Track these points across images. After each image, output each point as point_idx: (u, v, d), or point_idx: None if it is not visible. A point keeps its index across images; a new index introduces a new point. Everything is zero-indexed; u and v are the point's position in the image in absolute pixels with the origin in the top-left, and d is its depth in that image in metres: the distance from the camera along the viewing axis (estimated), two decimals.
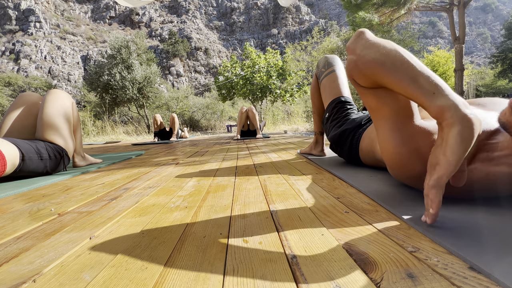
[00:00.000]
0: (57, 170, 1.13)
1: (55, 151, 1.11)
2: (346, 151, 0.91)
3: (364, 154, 0.83)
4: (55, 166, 1.11)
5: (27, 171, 1.01)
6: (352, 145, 0.87)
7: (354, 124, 0.90)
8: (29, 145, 1.02)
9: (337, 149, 0.97)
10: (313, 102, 1.19)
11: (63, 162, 1.15)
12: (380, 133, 0.53)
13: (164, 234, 0.43)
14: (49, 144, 1.11)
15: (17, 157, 0.95)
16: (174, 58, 55.03)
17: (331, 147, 1.02)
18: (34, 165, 1.02)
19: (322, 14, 68.86)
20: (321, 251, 0.34)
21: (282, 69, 13.31)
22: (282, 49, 31.94)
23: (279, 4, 9.52)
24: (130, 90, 12.56)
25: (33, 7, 52.50)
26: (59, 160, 1.12)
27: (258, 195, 0.64)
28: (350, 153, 0.89)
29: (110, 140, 5.48)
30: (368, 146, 0.79)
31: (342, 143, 0.92)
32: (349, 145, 0.88)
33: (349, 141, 0.89)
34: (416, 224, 0.39)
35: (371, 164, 0.83)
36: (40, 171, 1.06)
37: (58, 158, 1.12)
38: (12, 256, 0.38)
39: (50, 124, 1.15)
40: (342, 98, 1.02)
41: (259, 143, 2.48)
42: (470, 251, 0.31)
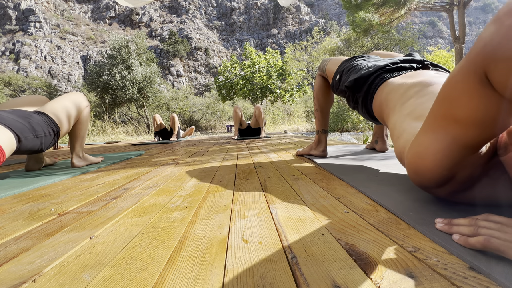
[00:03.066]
0: (49, 147, 1.15)
1: (50, 128, 1.12)
2: (362, 97, 0.85)
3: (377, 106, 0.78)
4: (48, 143, 1.12)
5: (25, 150, 1.02)
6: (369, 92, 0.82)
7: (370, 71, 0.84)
8: (22, 124, 1.01)
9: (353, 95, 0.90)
10: (317, 99, 1.18)
11: (55, 140, 1.16)
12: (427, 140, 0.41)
13: (164, 234, 0.43)
14: (45, 119, 1.11)
15: (14, 142, 0.95)
16: (174, 58, 55.04)
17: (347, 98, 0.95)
18: (30, 144, 1.03)
19: (322, 14, 68.87)
20: (321, 251, 0.34)
21: (282, 69, 13.31)
22: (282, 49, 31.98)
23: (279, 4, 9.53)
24: (130, 90, 12.57)
25: (33, 7, 52.50)
26: (53, 138, 1.13)
27: (258, 195, 0.64)
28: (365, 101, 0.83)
29: (110, 140, 5.48)
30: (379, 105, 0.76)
31: (358, 89, 0.86)
32: (366, 90, 0.83)
33: (366, 87, 0.83)
34: (416, 224, 0.39)
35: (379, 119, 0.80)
36: (36, 149, 1.07)
37: (52, 135, 1.13)
38: (12, 256, 0.38)
39: (56, 102, 1.19)
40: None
41: (259, 143, 2.48)
42: (470, 251, 0.31)
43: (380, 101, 0.76)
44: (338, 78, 0.97)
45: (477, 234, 0.32)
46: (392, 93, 0.72)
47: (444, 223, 0.37)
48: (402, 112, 0.63)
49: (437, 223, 0.37)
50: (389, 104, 0.71)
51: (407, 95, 0.66)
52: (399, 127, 0.60)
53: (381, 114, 0.77)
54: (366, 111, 0.86)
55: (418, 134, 0.44)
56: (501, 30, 0.29)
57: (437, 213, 0.43)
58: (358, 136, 4.11)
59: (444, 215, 0.41)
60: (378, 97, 0.77)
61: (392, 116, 0.67)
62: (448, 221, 0.37)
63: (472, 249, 0.31)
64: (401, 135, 0.57)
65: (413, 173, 0.45)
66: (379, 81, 0.79)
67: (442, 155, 0.39)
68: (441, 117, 0.39)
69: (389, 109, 0.70)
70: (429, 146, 0.40)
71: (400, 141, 0.56)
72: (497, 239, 0.29)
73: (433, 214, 0.42)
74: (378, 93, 0.78)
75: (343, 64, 0.99)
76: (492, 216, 0.34)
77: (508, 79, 0.29)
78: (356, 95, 0.87)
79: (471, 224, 0.34)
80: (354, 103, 0.91)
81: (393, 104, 0.69)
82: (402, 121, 0.60)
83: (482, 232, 0.31)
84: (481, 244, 0.30)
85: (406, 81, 0.71)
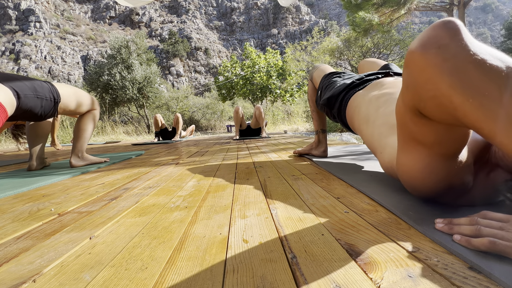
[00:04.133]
0: (49, 115, 1.16)
1: (51, 94, 1.13)
2: (336, 113, 0.92)
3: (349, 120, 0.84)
4: (48, 110, 1.13)
5: (26, 109, 1.03)
6: (341, 108, 0.88)
7: (340, 89, 0.91)
8: (21, 82, 1.03)
9: (330, 111, 0.97)
10: (311, 101, 1.24)
11: (55, 109, 1.17)
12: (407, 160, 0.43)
13: (164, 234, 0.43)
14: (48, 85, 1.13)
15: (13, 98, 0.96)
16: (174, 58, 55.04)
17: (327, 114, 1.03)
18: (31, 103, 1.04)
19: (322, 14, 68.86)
20: (321, 251, 0.34)
21: (282, 69, 13.31)
22: (282, 49, 31.97)
23: (279, 4, 9.53)
24: (130, 90, 12.56)
25: (33, 7, 52.49)
26: (52, 105, 1.14)
27: (258, 195, 0.64)
28: (339, 114, 0.90)
29: (110, 140, 5.48)
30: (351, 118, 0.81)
31: (332, 106, 0.93)
32: (338, 107, 0.89)
33: (338, 104, 0.90)
34: (416, 224, 0.39)
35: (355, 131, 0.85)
36: (37, 112, 1.07)
37: (52, 101, 1.13)
38: (12, 256, 0.38)
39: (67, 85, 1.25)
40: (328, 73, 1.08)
41: (259, 143, 2.48)
42: (470, 251, 0.30)
43: (351, 115, 0.82)
44: (319, 94, 1.06)
45: (479, 234, 0.31)
46: (360, 106, 0.78)
47: (444, 223, 0.37)
48: (376, 123, 0.66)
49: (437, 224, 0.37)
50: (359, 115, 0.76)
51: (376, 105, 0.70)
52: (378, 139, 0.63)
53: (354, 126, 0.82)
54: (344, 125, 0.92)
55: (398, 153, 0.46)
56: (414, 73, 0.34)
57: (437, 213, 0.43)
58: (358, 136, 4.11)
59: (445, 215, 0.41)
60: (349, 111, 0.83)
61: (366, 127, 0.71)
62: (448, 221, 0.37)
63: (472, 249, 0.31)
64: (384, 150, 0.59)
65: (411, 189, 0.47)
66: (348, 97, 0.85)
67: (428, 171, 0.41)
68: (407, 140, 0.42)
69: (360, 121, 0.75)
70: (413, 165, 0.42)
71: (385, 156, 0.58)
72: (502, 241, 0.29)
73: (433, 214, 0.42)
74: (348, 108, 0.84)
75: (323, 81, 1.06)
76: (490, 213, 0.34)
77: (436, 113, 0.34)
78: (332, 111, 0.95)
79: (472, 223, 0.33)
80: (333, 118, 0.98)
81: (364, 116, 0.73)
82: (379, 133, 0.63)
83: (484, 232, 0.31)
84: (486, 246, 0.29)
85: (371, 92, 0.77)
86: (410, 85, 0.35)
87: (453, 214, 0.41)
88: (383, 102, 0.68)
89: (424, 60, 0.32)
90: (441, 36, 0.31)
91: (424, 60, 0.32)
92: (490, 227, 0.31)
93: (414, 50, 0.33)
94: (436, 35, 0.32)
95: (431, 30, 0.32)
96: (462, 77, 0.30)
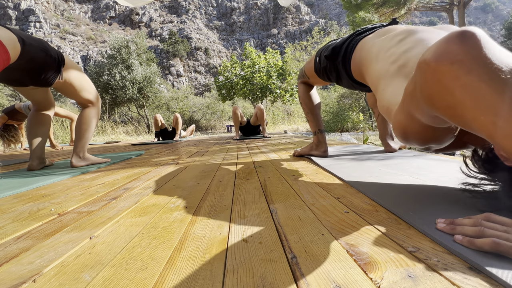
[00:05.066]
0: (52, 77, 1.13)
1: (56, 54, 1.13)
2: (341, 62, 0.88)
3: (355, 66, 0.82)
4: (51, 69, 1.11)
5: (29, 58, 1.01)
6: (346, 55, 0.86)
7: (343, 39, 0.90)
8: (29, 35, 1.03)
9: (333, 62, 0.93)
10: (304, 103, 1.24)
11: (58, 72, 1.15)
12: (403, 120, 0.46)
13: (164, 234, 0.43)
14: (56, 49, 1.14)
15: (16, 41, 0.94)
16: (174, 58, 55.04)
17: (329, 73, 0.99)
18: (34, 51, 1.02)
19: (322, 14, 68.86)
20: (321, 251, 0.34)
21: (282, 69, 13.31)
22: (282, 49, 31.97)
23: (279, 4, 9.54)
24: (130, 90, 12.58)
25: (33, 7, 52.49)
26: (56, 65, 1.13)
27: (258, 195, 0.64)
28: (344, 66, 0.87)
29: (110, 140, 5.48)
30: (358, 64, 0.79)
31: (335, 57, 0.90)
32: (343, 55, 0.87)
33: (342, 52, 0.87)
34: (417, 224, 0.39)
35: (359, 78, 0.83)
36: (40, 65, 1.06)
37: (56, 60, 1.13)
38: (12, 256, 0.38)
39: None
40: None
41: (259, 143, 2.48)
42: (470, 251, 0.30)
43: (358, 59, 0.79)
44: (318, 60, 1.03)
45: (482, 235, 0.31)
46: (370, 46, 0.75)
47: (446, 223, 0.36)
48: (385, 60, 0.63)
49: (438, 223, 0.37)
50: (368, 56, 0.73)
51: (388, 44, 0.67)
52: (384, 76, 0.61)
53: (360, 72, 0.79)
54: (348, 77, 0.89)
55: (397, 111, 0.47)
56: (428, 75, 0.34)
57: (438, 213, 0.43)
58: (358, 136, 4.11)
59: (445, 215, 0.41)
60: (355, 56, 0.81)
61: (375, 64, 0.68)
62: (450, 221, 0.36)
63: (473, 249, 0.31)
64: (386, 88, 0.57)
65: (400, 138, 0.49)
66: (355, 43, 0.83)
67: (420, 134, 0.44)
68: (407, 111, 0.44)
69: (369, 61, 0.72)
70: (407, 126, 0.45)
71: (386, 96, 0.56)
72: (506, 242, 0.29)
73: (433, 214, 0.42)
74: (355, 54, 0.81)
75: (319, 50, 1.04)
76: (494, 216, 0.33)
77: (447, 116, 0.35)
78: (335, 63, 0.91)
79: (476, 224, 0.33)
80: (337, 74, 0.94)
81: (374, 54, 0.70)
82: (386, 70, 0.61)
83: (488, 233, 0.31)
84: (490, 246, 0.29)
85: (381, 36, 0.74)
86: (424, 87, 0.35)
87: (453, 215, 0.41)
88: (396, 42, 0.65)
89: (437, 74, 0.32)
90: (455, 52, 0.31)
91: (438, 74, 0.32)
92: (494, 229, 0.31)
93: (428, 61, 0.33)
94: (451, 50, 0.31)
95: (447, 44, 0.32)
96: (474, 95, 0.30)
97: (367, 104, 9.50)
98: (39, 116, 1.33)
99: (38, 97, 1.28)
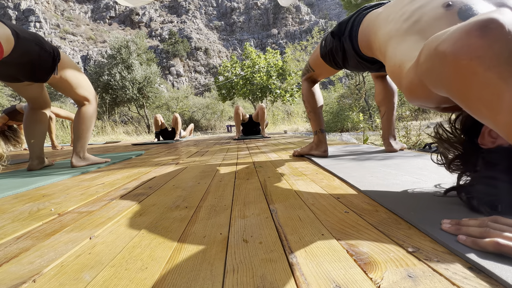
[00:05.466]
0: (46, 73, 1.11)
1: (51, 49, 1.11)
2: (348, 38, 0.87)
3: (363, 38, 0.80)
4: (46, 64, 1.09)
5: (23, 51, 0.99)
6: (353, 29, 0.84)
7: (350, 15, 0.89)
8: (24, 29, 1.01)
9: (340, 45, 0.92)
10: (307, 101, 1.22)
11: (53, 67, 1.13)
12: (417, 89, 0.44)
13: (164, 234, 0.43)
14: (51, 44, 1.12)
15: (10, 35, 0.93)
16: (174, 58, 55.03)
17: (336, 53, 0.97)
18: (29, 47, 1.01)
19: (322, 14, 68.85)
20: (321, 251, 0.34)
21: (282, 69, 13.31)
22: (282, 49, 31.98)
23: (279, 4, 9.53)
24: (130, 90, 12.58)
25: (33, 7, 52.49)
26: (51, 60, 1.11)
27: (258, 195, 0.64)
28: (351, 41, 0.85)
29: (110, 140, 5.48)
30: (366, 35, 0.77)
31: (342, 32, 0.89)
32: (350, 29, 0.85)
33: (349, 26, 0.86)
34: (418, 224, 0.39)
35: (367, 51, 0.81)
36: (34, 59, 1.04)
37: (51, 56, 1.11)
38: (12, 256, 0.38)
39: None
40: None
41: (259, 143, 2.48)
42: (470, 251, 0.30)
43: (366, 29, 0.77)
44: (323, 44, 1.02)
45: (487, 236, 0.31)
46: (378, 14, 0.73)
47: (451, 224, 0.36)
48: (398, 20, 0.60)
49: (444, 224, 0.37)
50: (377, 22, 0.70)
51: (400, 5, 0.63)
52: (395, 35, 0.58)
53: (368, 42, 0.77)
54: (355, 53, 0.87)
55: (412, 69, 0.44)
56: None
57: (438, 213, 0.43)
58: (358, 136, 4.11)
59: (446, 215, 0.41)
60: (363, 27, 0.79)
61: (384, 27, 0.65)
62: (456, 221, 0.36)
63: (474, 250, 0.31)
64: (399, 45, 0.55)
65: (408, 98, 0.47)
66: (362, 16, 0.82)
67: (428, 100, 0.43)
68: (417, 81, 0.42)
69: (378, 26, 0.69)
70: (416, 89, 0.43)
71: (397, 57, 0.53)
72: (510, 242, 0.29)
73: (434, 214, 0.42)
74: (362, 24, 0.80)
75: (325, 35, 1.04)
76: (502, 218, 0.33)
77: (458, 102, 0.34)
78: (341, 39, 0.89)
79: (482, 225, 0.33)
80: (343, 54, 0.92)
81: (384, 18, 0.67)
82: (398, 28, 0.58)
83: (494, 234, 0.31)
84: (493, 247, 0.29)
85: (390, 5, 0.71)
86: (440, 75, 0.33)
87: (452, 216, 0.41)
88: (408, 1, 0.61)
89: (455, 68, 0.31)
90: (476, 46, 0.28)
91: (456, 68, 0.30)
92: (500, 231, 0.31)
93: (447, 54, 0.31)
94: (471, 44, 0.29)
95: (467, 37, 0.29)
96: (491, 93, 0.29)
97: (367, 104, 9.51)
98: (35, 114, 1.30)
99: (33, 94, 1.25)
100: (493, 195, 0.39)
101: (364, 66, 0.92)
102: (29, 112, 1.30)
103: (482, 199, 0.40)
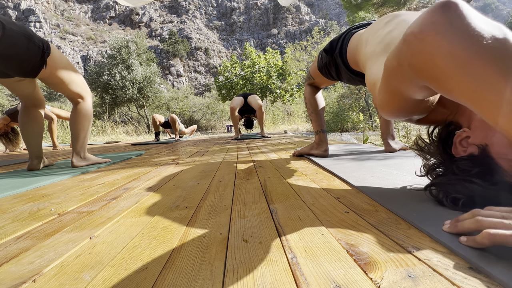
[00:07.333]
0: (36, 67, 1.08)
1: (41, 42, 1.08)
2: (338, 54, 0.93)
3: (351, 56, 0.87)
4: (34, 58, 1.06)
5: (10, 43, 0.96)
6: (342, 46, 0.91)
7: (341, 33, 0.97)
8: (12, 20, 0.99)
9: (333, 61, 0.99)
10: (309, 103, 1.26)
11: (43, 62, 1.10)
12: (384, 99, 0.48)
13: (164, 234, 0.43)
14: (41, 37, 1.10)
15: None
16: (174, 58, 55.03)
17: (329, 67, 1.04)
18: (16, 39, 0.97)
19: (322, 14, 68.83)
20: (321, 251, 0.34)
21: (282, 69, 13.32)
22: (282, 49, 31.94)
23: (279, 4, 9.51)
24: (130, 90, 12.58)
25: (33, 7, 52.49)
26: (40, 53, 1.08)
27: (258, 195, 0.64)
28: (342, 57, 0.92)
29: (110, 140, 5.48)
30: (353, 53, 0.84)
31: (333, 49, 0.97)
32: (340, 46, 0.93)
33: (339, 44, 0.93)
34: (418, 223, 0.39)
35: (355, 66, 0.87)
36: (22, 52, 1.01)
37: (40, 49, 1.07)
38: (12, 256, 0.38)
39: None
40: None
41: (259, 143, 2.48)
42: (470, 251, 0.30)
43: (353, 48, 0.85)
44: (320, 58, 1.09)
45: (481, 226, 0.31)
46: (361, 34, 0.80)
47: (450, 223, 0.36)
48: (373, 42, 0.68)
49: (444, 225, 0.37)
50: (360, 43, 0.78)
51: (375, 28, 0.72)
52: (370, 56, 0.66)
53: (355, 59, 0.84)
54: (346, 68, 0.93)
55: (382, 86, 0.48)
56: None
57: (438, 213, 0.43)
58: (358, 136, 4.11)
59: (447, 215, 0.41)
60: (350, 46, 0.87)
61: (364, 48, 0.73)
62: (455, 220, 0.36)
63: (473, 249, 0.31)
64: (373, 66, 0.61)
65: (382, 113, 0.51)
66: (350, 35, 0.90)
67: (401, 110, 0.47)
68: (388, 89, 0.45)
69: (360, 46, 0.77)
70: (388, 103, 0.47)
71: (372, 73, 0.59)
72: (502, 231, 0.28)
73: (434, 214, 0.42)
74: (350, 43, 0.87)
75: (321, 51, 1.11)
76: (494, 207, 0.33)
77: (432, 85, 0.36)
78: (333, 56, 0.97)
79: (474, 215, 0.33)
80: (336, 68, 1.00)
81: (365, 39, 0.75)
82: (373, 50, 0.66)
83: (485, 223, 0.30)
84: (487, 239, 0.29)
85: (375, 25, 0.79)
86: (412, 59, 0.36)
87: (451, 216, 0.41)
88: (383, 24, 0.69)
89: (423, 44, 0.33)
90: (439, 22, 0.32)
91: (424, 44, 0.33)
92: (492, 217, 0.31)
93: (415, 33, 0.34)
94: (435, 21, 0.32)
95: (431, 15, 0.33)
96: (458, 64, 0.31)
97: (367, 104, 9.51)
98: (30, 113, 1.27)
99: (25, 91, 1.22)
100: (460, 193, 0.43)
101: (356, 80, 0.98)
102: (23, 111, 1.27)
103: (448, 195, 0.44)
